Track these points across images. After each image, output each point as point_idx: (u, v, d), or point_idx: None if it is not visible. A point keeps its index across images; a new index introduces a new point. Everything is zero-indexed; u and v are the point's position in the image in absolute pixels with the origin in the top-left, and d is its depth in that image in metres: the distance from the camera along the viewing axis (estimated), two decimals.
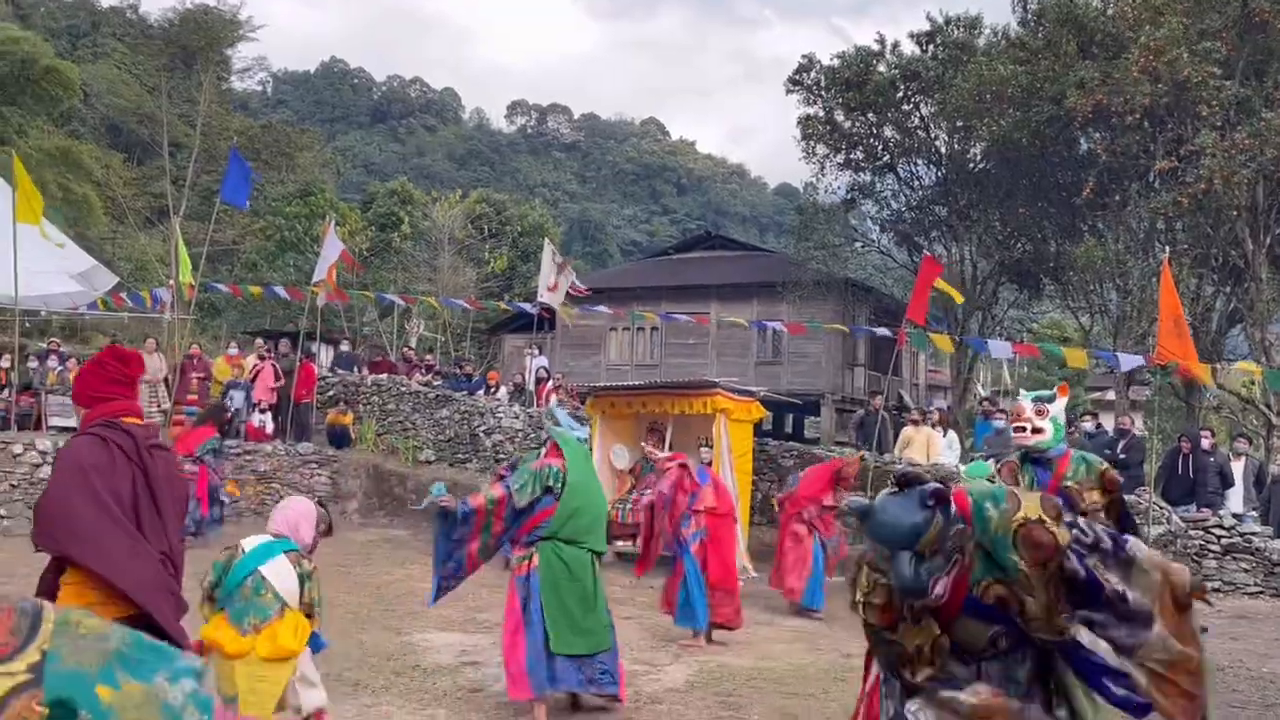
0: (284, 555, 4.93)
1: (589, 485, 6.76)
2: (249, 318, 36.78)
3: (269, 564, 4.87)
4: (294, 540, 5.06)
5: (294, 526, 5.12)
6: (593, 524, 6.66)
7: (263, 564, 4.86)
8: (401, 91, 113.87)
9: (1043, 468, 6.00)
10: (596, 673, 6.46)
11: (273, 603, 4.80)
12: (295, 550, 5.01)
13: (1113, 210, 21.35)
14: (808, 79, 25.34)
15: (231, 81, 51.19)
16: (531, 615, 6.30)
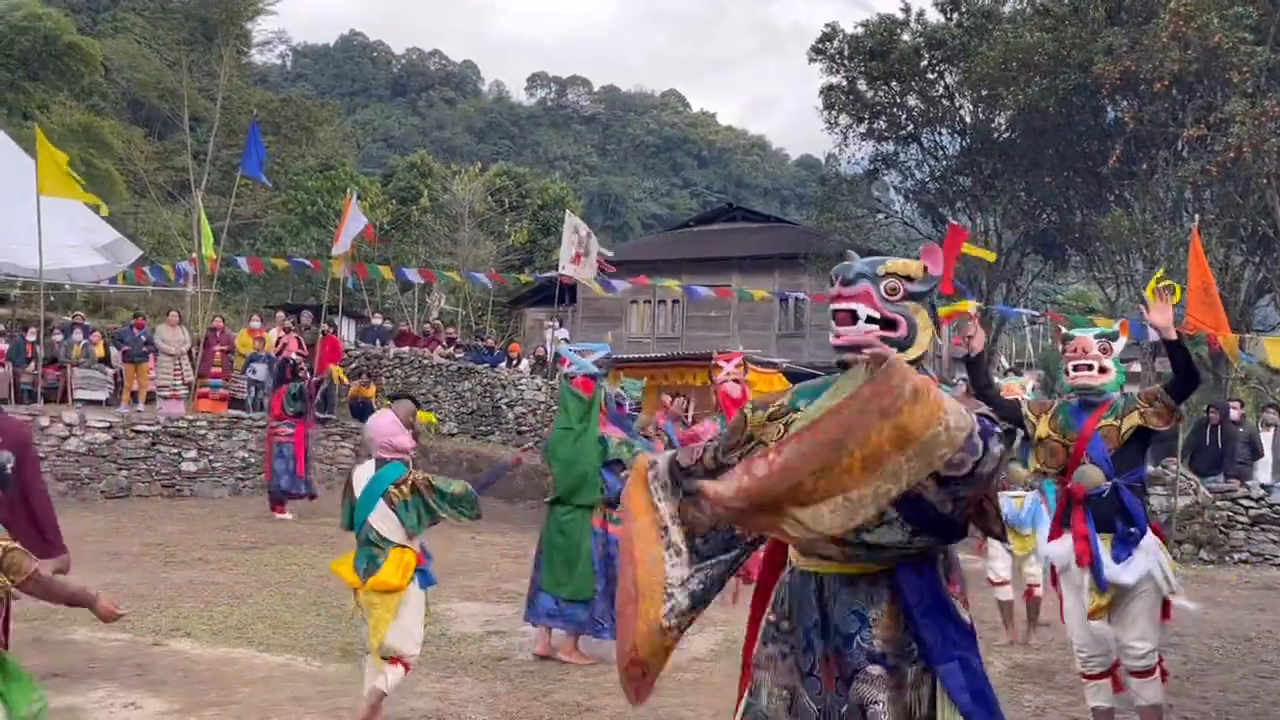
0: (383, 499, 5.23)
1: (568, 445, 7.22)
2: (271, 292, 36.86)
3: (375, 513, 5.23)
4: (396, 458, 5.36)
5: (389, 442, 5.37)
6: (576, 482, 7.18)
7: (370, 513, 5.24)
8: (421, 64, 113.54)
9: (1085, 411, 5.16)
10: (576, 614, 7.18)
11: (381, 551, 5.21)
12: (398, 475, 5.28)
13: (1140, 179, 21.11)
14: (831, 48, 25.11)
15: (251, 55, 51.10)
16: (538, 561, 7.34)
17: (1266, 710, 6.49)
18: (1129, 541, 5.01)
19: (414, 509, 5.26)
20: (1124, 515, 5.04)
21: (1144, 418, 5.03)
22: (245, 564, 10.37)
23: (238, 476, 16.03)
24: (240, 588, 9.15)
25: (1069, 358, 5.27)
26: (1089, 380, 5.18)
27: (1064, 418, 5.22)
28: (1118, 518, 5.04)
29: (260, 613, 8.21)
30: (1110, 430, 5.06)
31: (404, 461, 5.38)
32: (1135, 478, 5.12)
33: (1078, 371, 5.22)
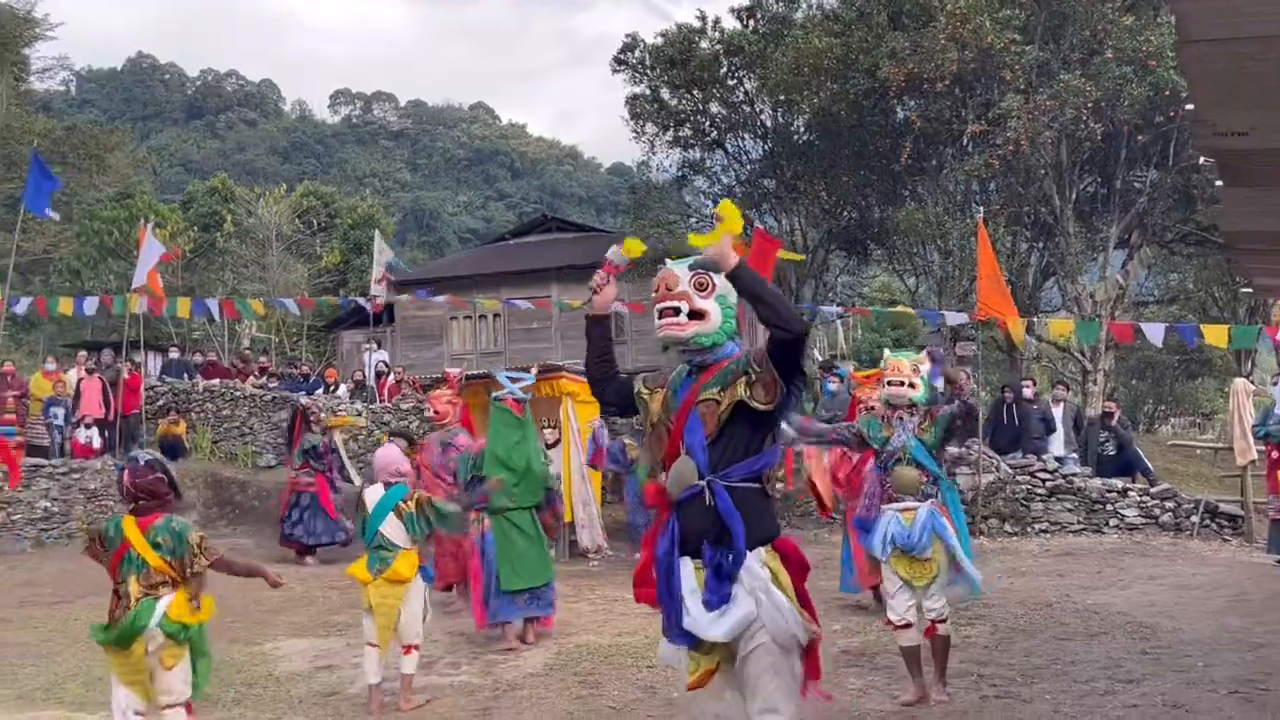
0: (392, 513, 6.48)
1: (511, 454, 8.36)
2: (68, 329, 34.97)
3: (385, 523, 6.47)
4: (399, 480, 6.64)
5: (396, 469, 6.68)
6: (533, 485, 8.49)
7: (381, 524, 6.48)
8: (217, 85, 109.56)
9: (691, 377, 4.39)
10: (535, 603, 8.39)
11: (390, 554, 6.44)
12: (403, 494, 6.56)
13: (930, 174, 22.19)
14: (632, 58, 25.47)
15: (31, 82, 48.28)
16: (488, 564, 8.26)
17: (1066, 670, 6.93)
18: (721, 575, 3.48)
19: (418, 520, 6.50)
20: (719, 533, 3.50)
21: (748, 389, 3.55)
22: (52, 620, 9.84)
23: (40, 528, 15.18)
24: (47, 646, 8.70)
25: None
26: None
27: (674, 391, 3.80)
28: (709, 537, 3.52)
29: (71, 671, 7.83)
30: (709, 407, 3.59)
31: (406, 483, 6.69)
32: (749, 471, 3.57)
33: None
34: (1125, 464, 15.17)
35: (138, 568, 4.86)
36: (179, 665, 4.86)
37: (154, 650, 4.80)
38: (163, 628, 4.79)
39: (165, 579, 4.86)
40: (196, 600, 4.96)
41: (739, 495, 3.49)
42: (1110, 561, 11.74)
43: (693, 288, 3.66)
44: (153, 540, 4.88)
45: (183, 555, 4.87)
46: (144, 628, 4.77)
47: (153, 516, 4.96)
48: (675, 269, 3.75)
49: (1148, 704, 6.05)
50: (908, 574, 6.11)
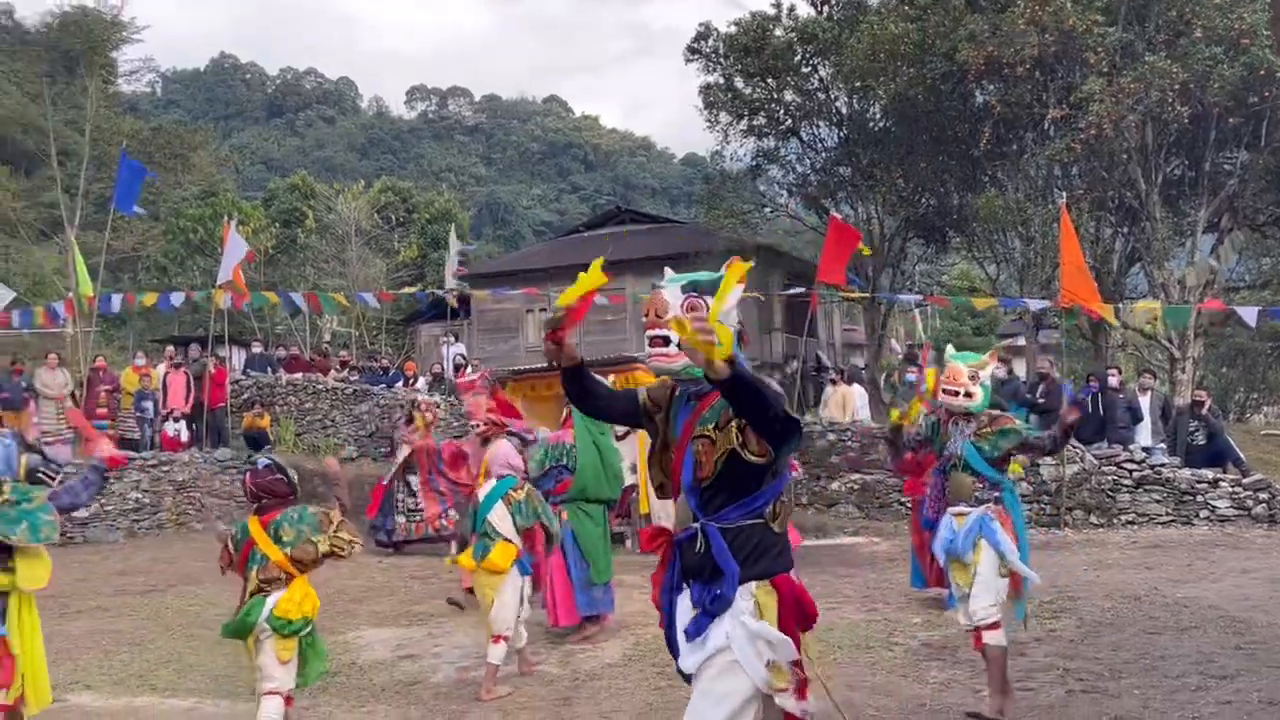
0: (501, 501, 6.89)
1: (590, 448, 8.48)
2: (156, 325, 35.89)
3: (492, 512, 6.85)
4: (509, 473, 7.07)
5: (508, 463, 7.10)
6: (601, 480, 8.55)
7: (489, 513, 6.86)
8: (296, 84, 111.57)
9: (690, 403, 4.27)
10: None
11: (492, 541, 6.78)
12: (513, 484, 7.01)
13: (1010, 160, 21.78)
14: (706, 47, 25.38)
15: (119, 84, 49.69)
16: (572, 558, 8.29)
17: (1155, 665, 6.76)
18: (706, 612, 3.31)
19: (524, 509, 6.89)
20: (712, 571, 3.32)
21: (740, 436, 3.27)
22: (145, 609, 10.12)
23: (133, 519, 15.61)
24: (141, 633, 8.94)
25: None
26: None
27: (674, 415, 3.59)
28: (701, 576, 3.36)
29: (163, 658, 8.04)
30: (705, 445, 3.35)
31: (516, 477, 7.09)
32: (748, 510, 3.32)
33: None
34: (1216, 454, 14.75)
35: (259, 563, 5.22)
36: (291, 658, 5.18)
37: (265, 643, 5.15)
38: (270, 623, 5.11)
39: (280, 575, 5.19)
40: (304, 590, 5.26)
41: (736, 535, 3.28)
42: (1201, 554, 11.43)
43: (685, 312, 3.24)
44: (274, 534, 5.22)
45: (310, 534, 5.22)
46: (254, 623, 5.13)
47: (273, 513, 5.30)
48: (666, 292, 3.41)
49: (1242, 700, 5.88)
50: (958, 576, 5.97)
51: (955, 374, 5.92)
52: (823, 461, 15.53)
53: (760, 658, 3.20)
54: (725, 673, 3.21)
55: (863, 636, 7.96)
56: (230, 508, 16.73)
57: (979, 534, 5.84)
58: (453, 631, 8.74)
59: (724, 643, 3.22)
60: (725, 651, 3.22)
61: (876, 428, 15.95)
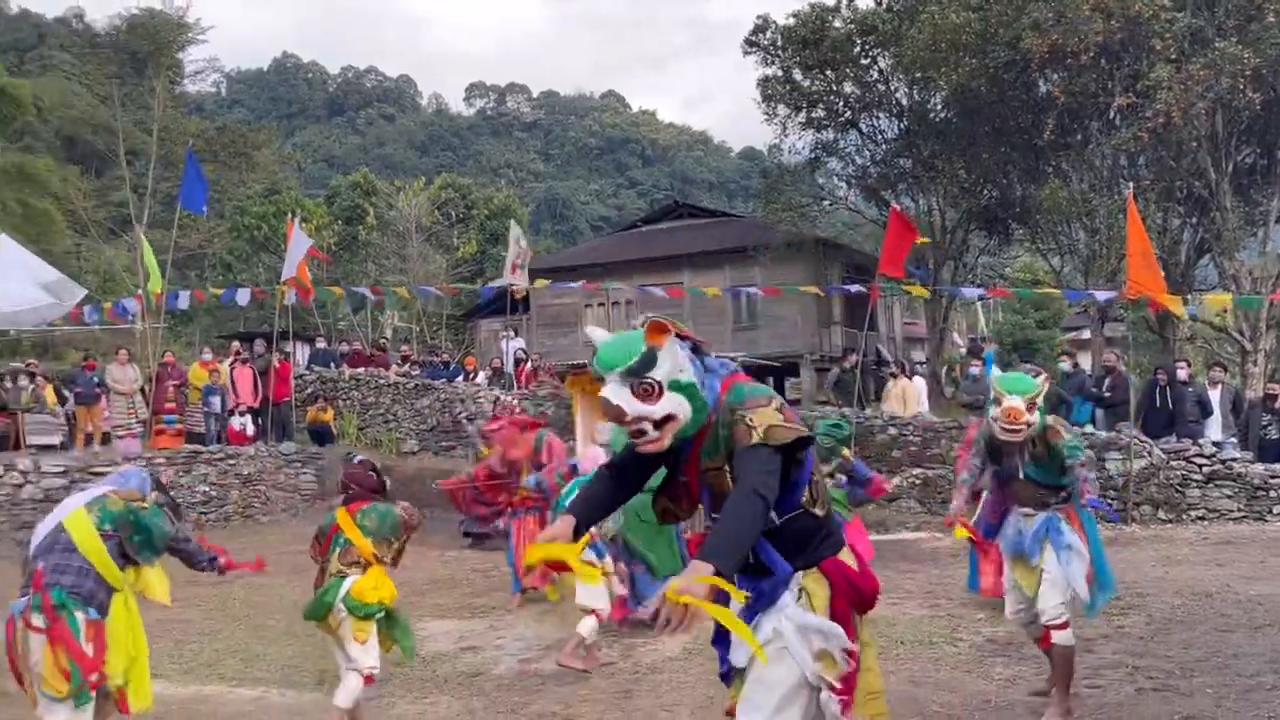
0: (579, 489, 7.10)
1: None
2: (222, 321, 36.53)
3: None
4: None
5: (595, 460, 7.28)
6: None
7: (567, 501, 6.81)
8: (357, 82, 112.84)
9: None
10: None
11: None
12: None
13: (1075, 150, 21.41)
14: (764, 40, 25.24)
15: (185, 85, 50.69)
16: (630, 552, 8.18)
17: (1228, 664, 6.62)
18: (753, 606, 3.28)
19: None
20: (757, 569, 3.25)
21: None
22: (214, 599, 10.30)
23: (200, 511, 15.88)
24: (210, 623, 9.11)
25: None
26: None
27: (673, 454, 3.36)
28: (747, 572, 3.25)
29: (231, 647, 8.18)
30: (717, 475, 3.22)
31: None
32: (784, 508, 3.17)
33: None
34: None
35: (341, 546, 5.57)
36: (368, 639, 5.45)
37: (343, 624, 5.43)
38: (345, 603, 5.40)
39: (359, 560, 5.50)
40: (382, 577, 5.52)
41: (777, 533, 3.18)
42: (1275, 551, 11.16)
43: (640, 399, 3.07)
44: (360, 522, 5.58)
45: (388, 533, 5.60)
46: (331, 604, 5.43)
47: (360, 503, 5.69)
48: (610, 395, 3.12)
49: None
50: (1020, 578, 5.87)
51: (1014, 414, 5.57)
52: (884, 456, 15.40)
53: (810, 647, 3.16)
54: (775, 660, 3.17)
55: (926, 632, 7.88)
56: (295, 500, 17.02)
57: (1046, 536, 5.72)
58: (514, 624, 8.80)
59: (772, 634, 3.19)
60: (775, 640, 3.18)
61: (938, 421, 15.81)
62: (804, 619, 3.18)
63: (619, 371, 3.08)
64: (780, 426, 3.02)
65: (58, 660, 4.42)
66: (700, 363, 3.19)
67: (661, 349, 3.09)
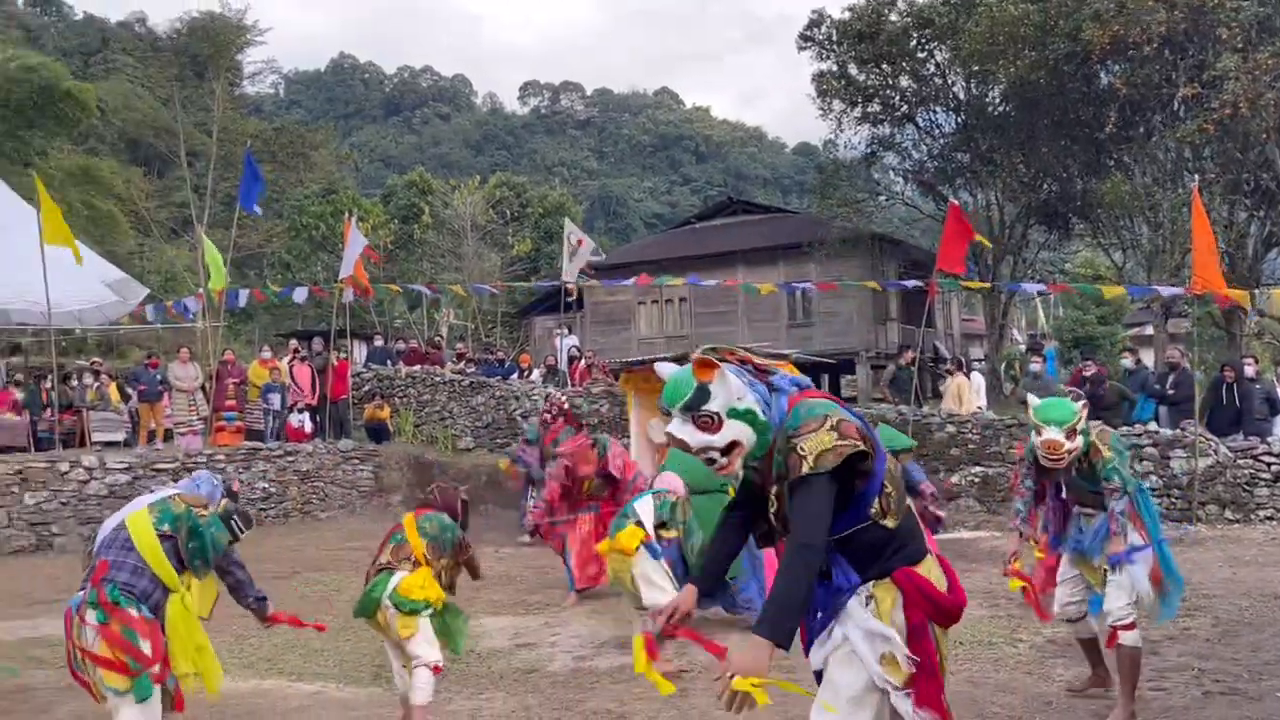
0: (651, 496, 7.51)
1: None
2: (281, 320, 37.01)
3: (640, 502, 7.47)
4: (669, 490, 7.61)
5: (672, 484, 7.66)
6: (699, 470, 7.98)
7: (637, 502, 7.49)
8: (413, 82, 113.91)
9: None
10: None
11: (626, 522, 7.22)
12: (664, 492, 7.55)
13: (1138, 143, 21.04)
14: (819, 34, 25.09)
15: (244, 86, 51.33)
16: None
17: None
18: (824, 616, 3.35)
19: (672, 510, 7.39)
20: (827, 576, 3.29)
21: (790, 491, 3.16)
22: (273, 593, 10.25)
23: (260, 507, 16.07)
24: None
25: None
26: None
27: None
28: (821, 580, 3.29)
29: (291, 642, 8.24)
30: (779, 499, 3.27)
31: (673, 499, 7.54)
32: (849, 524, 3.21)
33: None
34: None
35: (396, 542, 5.68)
36: (416, 634, 5.43)
37: (391, 621, 5.44)
38: (391, 599, 5.43)
39: (410, 557, 5.58)
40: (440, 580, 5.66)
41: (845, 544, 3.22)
42: None
43: (701, 431, 3.21)
44: (420, 524, 5.73)
45: (444, 544, 5.72)
46: (378, 599, 5.47)
47: (427, 509, 5.95)
48: (675, 430, 3.27)
49: None
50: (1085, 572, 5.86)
51: (1053, 447, 5.50)
52: (942, 454, 15.23)
53: (874, 651, 3.18)
54: (844, 665, 3.22)
55: (986, 632, 7.76)
56: (352, 497, 17.18)
57: (1108, 535, 5.61)
58: (569, 621, 8.80)
59: (841, 638, 3.23)
60: (845, 645, 3.23)
61: (997, 419, 15.59)
62: (869, 624, 3.19)
63: (680, 406, 3.22)
64: (831, 450, 3.04)
65: (114, 653, 4.45)
66: (764, 385, 3.27)
67: (711, 383, 3.20)
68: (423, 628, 5.45)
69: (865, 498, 3.18)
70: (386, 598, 5.43)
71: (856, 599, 3.22)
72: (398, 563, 5.55)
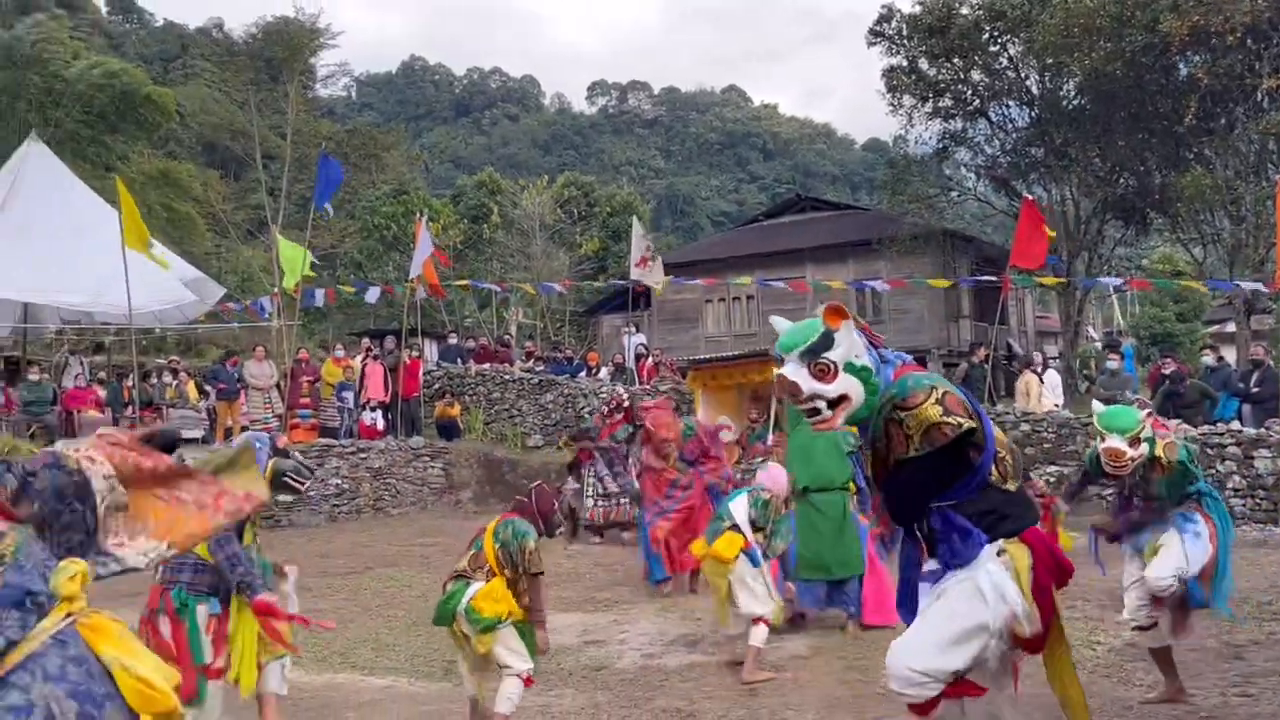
0: (746, 495, 7.23)
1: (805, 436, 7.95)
2: (354, 319, 37.50)
3: (734, 502, 7.22)
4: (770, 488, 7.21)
5: (771, 481, 7.29)
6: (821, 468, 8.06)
7: (731, 502, 7.26)
8: (482, 83, 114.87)
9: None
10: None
11: (722, 525, 7.02)
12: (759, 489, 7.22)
13: (1219, 135, 20.50)
14: (889, 29, 24.79)
15: (317, 89, 52.21)
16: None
17: None
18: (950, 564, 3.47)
19: (765, 510, 7.04)
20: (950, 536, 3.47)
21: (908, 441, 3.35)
22: (345, 589, 10.56)
23: (333, 504, 16.32)
24: (342, 613, 9.30)
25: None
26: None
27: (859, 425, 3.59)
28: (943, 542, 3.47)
29: (362, 637, 8.36)
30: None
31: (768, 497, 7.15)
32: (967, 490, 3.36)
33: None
34: None
35: (476, 548, 5.54)
36: (497, 647, 5.29)
37: (468, 631, 5.31)
38: (466, 614, 5.29)
39: (486, 565, 5.40)
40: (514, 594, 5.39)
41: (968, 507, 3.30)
42: None
43: (816, 379, 3.26)
44: (497, 532, 5.49)
45: (514, 550, 5.37)
46: (454, 610, 5.34)
47: (511, 514, 5.66)
48: (789, 373, 3.32)
49: None
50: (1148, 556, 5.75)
51: (1116, 455, 5.43)
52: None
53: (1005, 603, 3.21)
54: (964, 595, 3.24)
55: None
56: (423, 493, 17.36)
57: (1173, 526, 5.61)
58: (638, 618, 8.80)
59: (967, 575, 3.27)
60: (968, 581, 3.24)
61: (1073, 418, 15.30)
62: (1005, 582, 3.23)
63: (798, 351, 3.29)
64: (939, 426, 3.12)
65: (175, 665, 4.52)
66: (875, 353, 3.37)
67: (838, 331, 3.28)
68: (504, 637, 5.31)
69: (983, 465, 3.28)
70: (462, 610, 5.30)
71: (989, 550, 3.27)
72: (473, 572, 5.41)
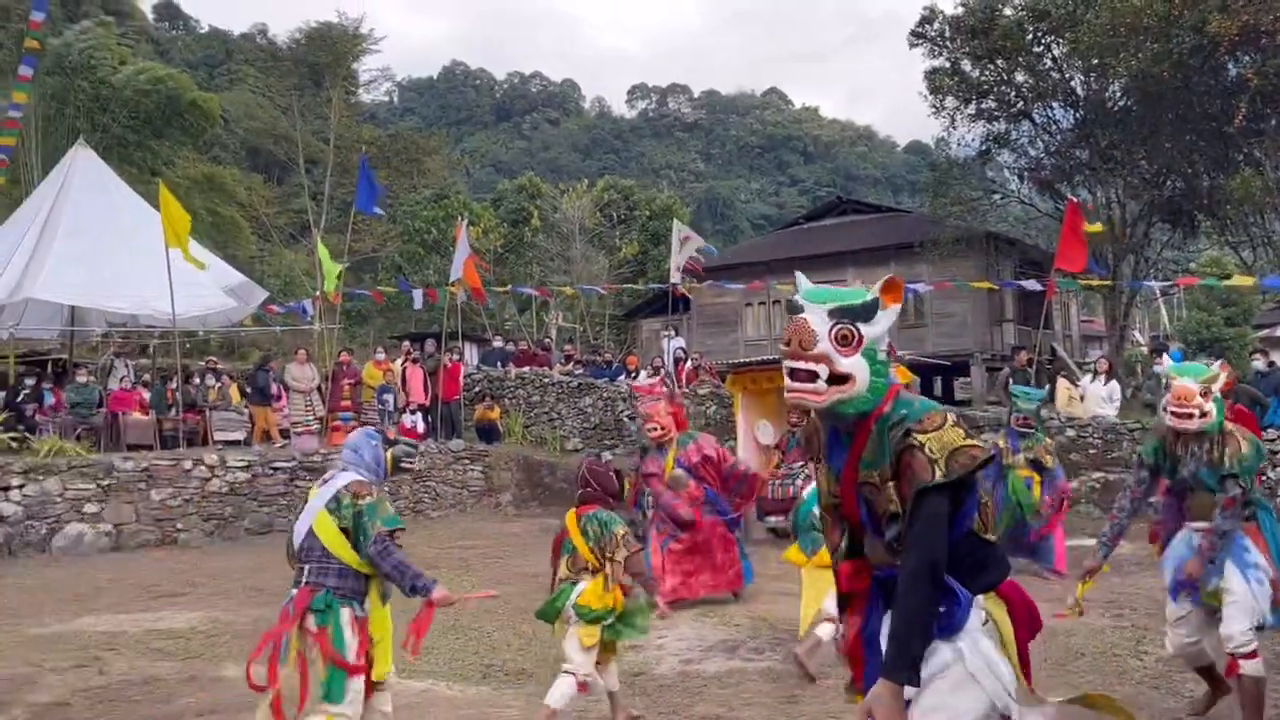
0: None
1: None
2: (395, 323, 37.77)
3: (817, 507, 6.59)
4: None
5: None
6: None
7: (814, 506, 6.39)
8: (522, 88, 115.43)
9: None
10: None
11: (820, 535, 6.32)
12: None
13: (1269, 136, 20.15)
14: (931, 30, 24.60)
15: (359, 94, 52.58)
16: None
17: None
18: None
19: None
20: None
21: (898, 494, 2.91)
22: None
23: None
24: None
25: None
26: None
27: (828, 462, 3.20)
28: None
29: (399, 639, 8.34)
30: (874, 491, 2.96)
31: None
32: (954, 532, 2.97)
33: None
34: None
35: (569, 552, 5.63)
36: (566, 643, 5.53)
37: (571, 628, 5.51)
38: (574, 609, 5.48)
39: (588, 565, 5.54)
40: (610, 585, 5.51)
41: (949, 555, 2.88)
42: None
43: (834, 342, 2.89)
44: (582, 528, 5.59)
45: (605, 542, 5.50)
46: (560, 608, 5.54)
47: (588, 507, 5.69)
48: (812, 318, 2.94)
49: None
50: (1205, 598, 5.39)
51: (1185, 394, 5.11)
52: (1062, 459, 14.75)
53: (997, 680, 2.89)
54: (959, 687, 2.86)
55: (1108, 644, 7.49)
56: (463, 496, 17.40)
57: (1226, 555, 5.26)
58: (677, 624, 8.73)
59: (952, 658, 2.87)
60: (957, 665, 2.87)
61: (1119, 423, 15.09)
62: (992, 656, 2.92)
63: (829, 306, 2.93)
64: (962, 450, 2.81)
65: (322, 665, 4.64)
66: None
67: (886, 310, 2.96)
68: (582, 636, 5.48)
69: (968, 512, 2.93)
70: (570, 607, 5.50)
71: (976, 613, 2.94)
72: (575, 574, 5.57)
